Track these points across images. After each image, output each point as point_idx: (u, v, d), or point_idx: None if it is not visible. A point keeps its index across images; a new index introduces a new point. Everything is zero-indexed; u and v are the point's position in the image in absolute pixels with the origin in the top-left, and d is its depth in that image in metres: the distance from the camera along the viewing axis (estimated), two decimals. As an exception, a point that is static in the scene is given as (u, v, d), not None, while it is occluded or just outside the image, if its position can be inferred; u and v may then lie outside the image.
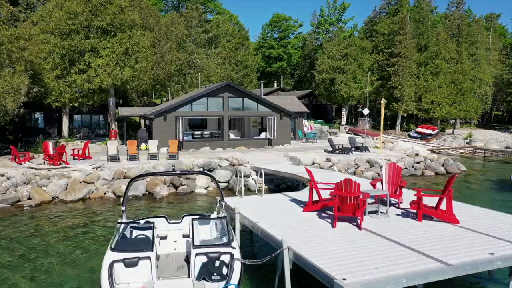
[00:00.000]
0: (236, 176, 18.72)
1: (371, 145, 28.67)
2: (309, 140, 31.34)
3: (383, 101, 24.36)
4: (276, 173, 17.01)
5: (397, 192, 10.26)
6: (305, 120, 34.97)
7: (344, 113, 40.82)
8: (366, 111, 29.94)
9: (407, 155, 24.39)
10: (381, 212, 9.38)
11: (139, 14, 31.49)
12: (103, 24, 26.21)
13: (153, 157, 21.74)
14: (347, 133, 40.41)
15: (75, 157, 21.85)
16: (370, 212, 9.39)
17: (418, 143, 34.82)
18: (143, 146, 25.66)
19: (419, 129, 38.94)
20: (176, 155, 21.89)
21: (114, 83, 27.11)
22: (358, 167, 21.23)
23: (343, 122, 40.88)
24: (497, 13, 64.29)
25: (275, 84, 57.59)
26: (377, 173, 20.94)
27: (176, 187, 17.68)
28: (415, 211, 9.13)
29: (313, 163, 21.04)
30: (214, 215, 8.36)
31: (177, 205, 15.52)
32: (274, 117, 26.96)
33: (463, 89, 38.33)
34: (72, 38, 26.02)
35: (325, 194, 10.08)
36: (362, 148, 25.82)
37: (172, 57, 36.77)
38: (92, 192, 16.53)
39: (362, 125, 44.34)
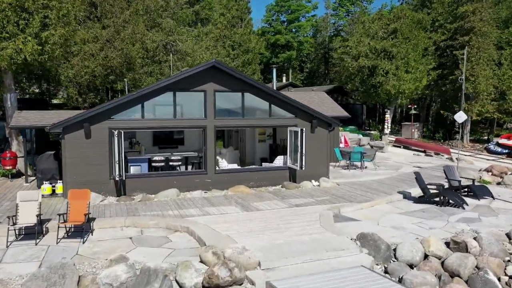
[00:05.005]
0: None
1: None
2: (352, 164, 18.62)
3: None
4: None
5: None
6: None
7: (388, 116, 28.15)
8: (461, 117, 17.32)
9: None
10: None
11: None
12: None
13: (29, 233, 9.12)
14: (394, 145, 27.77)
15: None
16: None
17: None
18: (46, 188, 12.99)
19: (503, 141, 26.28)
20: (87, 227, 9.25)
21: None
22: (534, 263, 8.51)
23: (387, 130, 28.24)
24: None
25: (284, 79, 44.87)
26: None
27: None
28: None
29: (426, 257, 8.27)
30: None
31: None
32: (302, 130, 14.27)
33: None
34: None
35: None
36: (480, 191, 13.09)
37: (134, 35, 24.03)
38: None
39: (409, 133, 31.73)
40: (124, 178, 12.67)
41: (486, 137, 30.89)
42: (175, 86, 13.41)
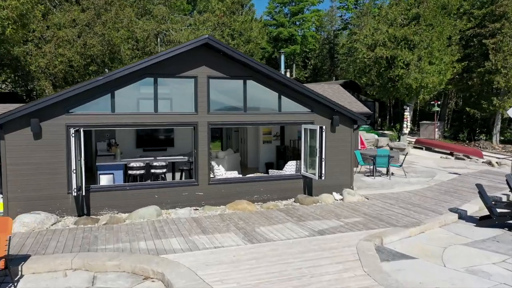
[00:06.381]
0: None
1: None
2: (376, 170, 15.34)
3: None
4: None
5: None
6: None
7: (408, 114, 24.92)
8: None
9: None
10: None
11: None
12: None
13: None
14: (415, 147, 24.57)
15: None
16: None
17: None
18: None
19: (541, 142, 23.11)
20: (5, 275, 5.97)
21: None
22: None
23: (406, 130, 25.01)
24: None
25: (287, 75, 41.59)
26: None
27: None
28: None
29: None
30: None
31: None
32: (322, 128, 11.01)
33: None
34: None
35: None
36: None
37: (118, 19, 20.78)
38: None
39: (428, 133, 28.52)
40: (84, 193, 9.43)
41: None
42: (156, 69, 10.20)
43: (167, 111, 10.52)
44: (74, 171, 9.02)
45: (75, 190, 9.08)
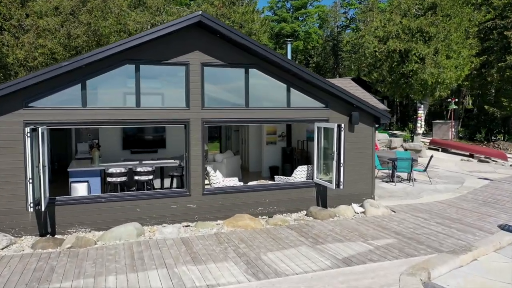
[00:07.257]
0: None
1: None
2: (395, 176, 13.37)
3: None
4: None
5: None
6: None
7: (422, 113, 23.03)
8: None
9: None
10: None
11: None
12: None
13: None
14: (430, 148, 22.69)
15: None
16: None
17: None
18: None
19: None
20: None
21: None
22: None
23: (420, 130, 23.11)
24: None
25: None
26: None
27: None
28: None
29: None
30: None
31: None
32: (339, 126, 9.09)
33: None
34: None
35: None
36: None
37: (106, 7, 18.89)
38: None
39: (441, 133, 26.64)
40: (44, 208, 7.50)
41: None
42: (138, 54, 8.29)
43: (152, 105, 8.60)
44: (30, 181, 7.10)
45: (31, 205, 7.15)
